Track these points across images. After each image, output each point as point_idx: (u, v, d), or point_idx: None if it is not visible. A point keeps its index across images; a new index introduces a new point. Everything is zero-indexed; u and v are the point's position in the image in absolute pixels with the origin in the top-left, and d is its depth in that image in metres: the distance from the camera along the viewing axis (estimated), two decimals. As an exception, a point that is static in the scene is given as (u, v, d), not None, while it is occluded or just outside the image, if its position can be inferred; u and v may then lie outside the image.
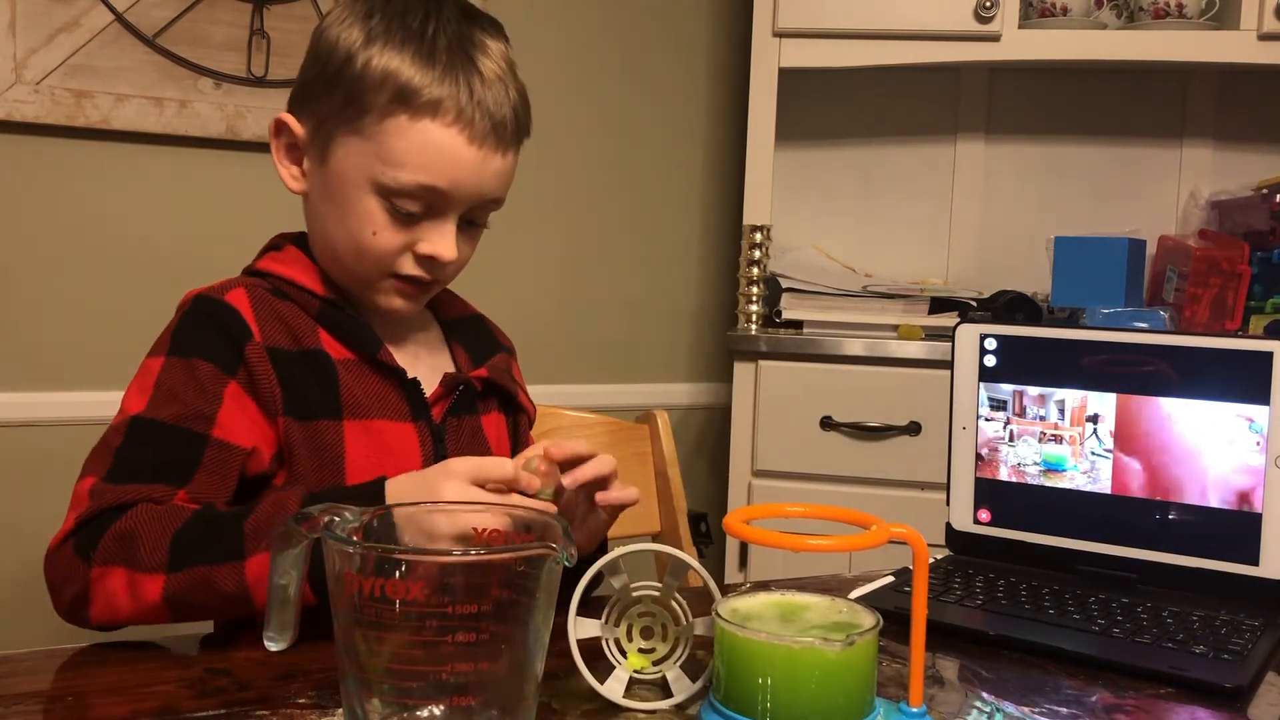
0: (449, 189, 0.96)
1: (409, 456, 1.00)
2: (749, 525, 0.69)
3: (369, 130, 0.96)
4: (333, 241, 1.01)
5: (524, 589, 0.61)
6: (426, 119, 0.95)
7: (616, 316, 2.37)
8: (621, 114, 2.35)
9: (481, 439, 1.08)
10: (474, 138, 0.96)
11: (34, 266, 1.79)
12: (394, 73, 0.94)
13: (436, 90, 0.94)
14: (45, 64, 1.76)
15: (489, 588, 0.61)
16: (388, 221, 0.97)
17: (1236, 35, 2.04)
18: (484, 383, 1.09)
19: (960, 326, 1.11)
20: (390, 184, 0.95)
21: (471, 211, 1.01)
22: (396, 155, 0.95)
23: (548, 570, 0.62)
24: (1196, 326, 2.01)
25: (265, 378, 0.95)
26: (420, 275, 1.00)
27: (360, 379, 1.00)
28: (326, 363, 0.98)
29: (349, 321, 1.01)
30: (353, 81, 0.96)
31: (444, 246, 0.99)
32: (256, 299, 0.98)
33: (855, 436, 1.99)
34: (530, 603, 0.61)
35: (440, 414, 1.04)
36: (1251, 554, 0.98)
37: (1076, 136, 2.36)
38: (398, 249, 0.99)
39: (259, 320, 0.97)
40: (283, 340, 0.98)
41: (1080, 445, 1.06)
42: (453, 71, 0.95)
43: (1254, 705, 0.81)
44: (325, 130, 0.98)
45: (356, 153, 0.96)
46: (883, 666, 0.83)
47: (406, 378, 1.02)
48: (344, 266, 1.02)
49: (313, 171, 1.01)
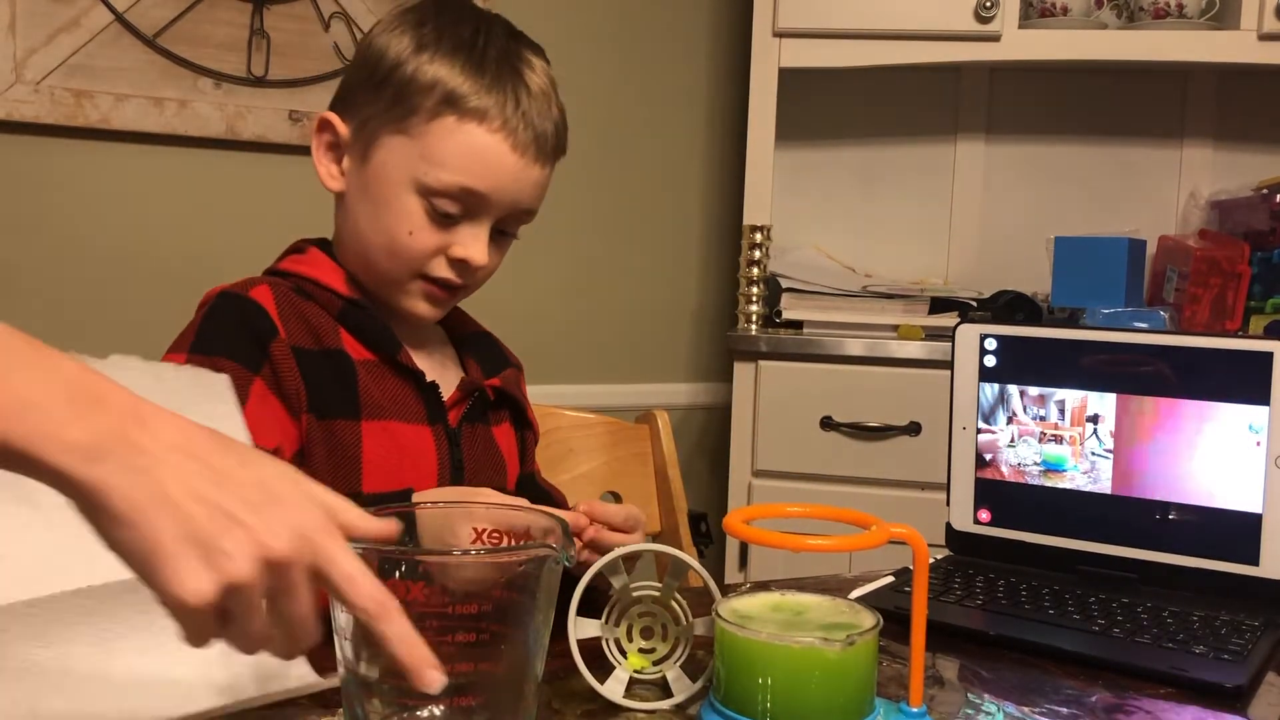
0: (488, 193, 0.98)
1: (425, 458, 1.01)
2: (749, 525, 0.69)
3: (415, 130, 0.98)
4: (366, 240, 1.02)
5: (524, 589, 0.61)
6: (473, 123, 0.97)
7: (616, 316, 2.37)
8: (621, 114, 2.35)
9: (495, 448, 1.09)
10: (516, 146, 0.99)
11: (34, 266, 1.79)
12: (444, 78, 0.97)
13: (485, 98, 0.98)
14: (45, 64, 1.76)
15: (490, 588, 0.61)
16: (425, 222, 0.99)
17: (1236, 35, 2.04)
18: (497, 393, 1.10)
19: (960, 326, 1.11)
20: (432, 184, 0.97)
21: (505, 220, 1.03)
22: (441, 155, 0.97)
23: (548, 570, 0.62)
24: (1196, 326, 2.01)
25: (290, 375, 0.96)
26: (450, 279, 1.02)
27: (379, 380, 1.01)
28: (347, 362, 0.99)
29: (371, 322, 1.02)
30: (403, 84, 0.98)
31: (477, 250, 1.00)
32: (280, 296, 1.00)
33: (855, 436, 1.99)
34: (530, 603, 0.61)
35: (457, 419, 1.05)
36: (1251, 554, 0.98)
37: (1076, 136, 2.36)
38: (432, 250, 1.00)
39: (283, 318, 0.98)
40: (305, 339, 0.99)
41: (1080, 445, 1.06)
42: (500, 82, 0.99)
43: (1254, 705, 0.81)
44: (370, 129, 1.00)
45: (401, 152, 0.98)
46: (883, 666, 0.83)
47: (425, 381, 1.03)
48: (374, 267, 1.03)
49: (352, 170, 1.02)
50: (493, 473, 1.08)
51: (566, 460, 1.44)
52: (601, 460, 1.45)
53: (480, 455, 1.07)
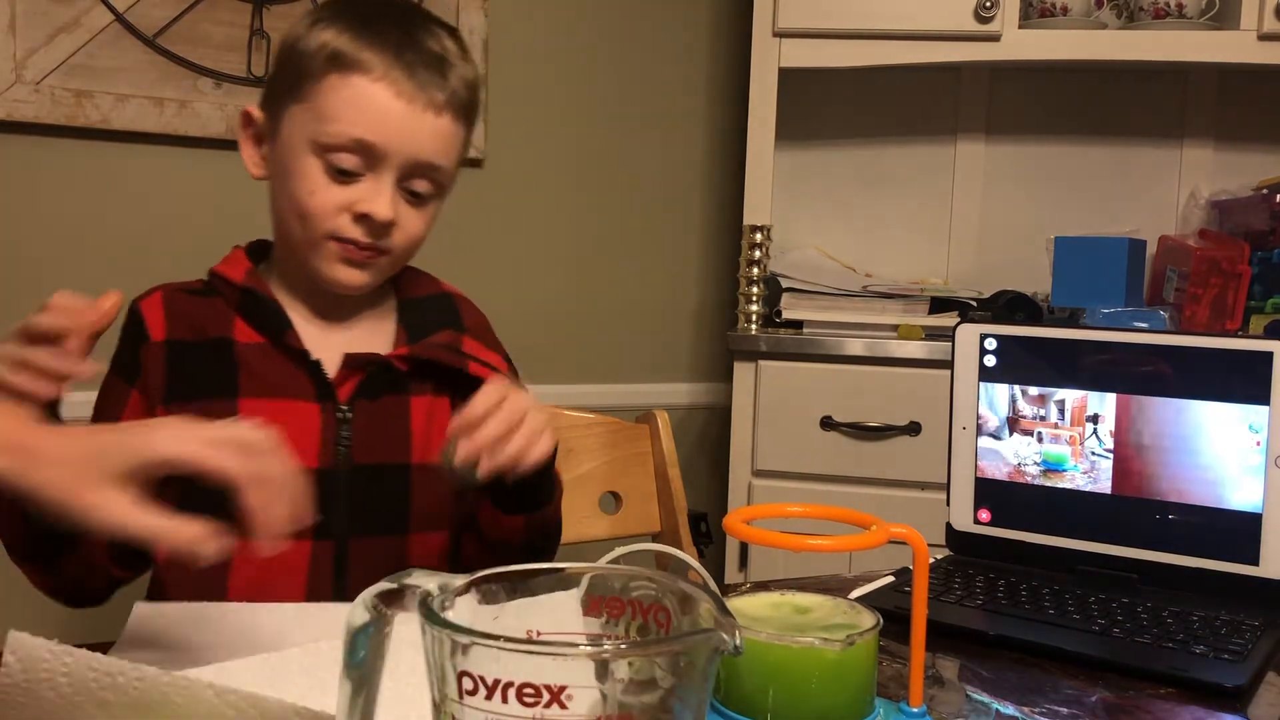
0: (378, 142, 0.99)
1: (307, 435, 1.02)
2: (749, 525, 0.69)
3: (308, 95, 1.01)
4: (282, 214, 1.05)
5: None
6: (356, 75, 0.99)
7: (616, 316, 2.37)
8: (621, 114, 2.35)
9: (403, 421, 1.07)
10: (401, 94, 1.00)
11: (34, 266, 1.79)
12: (329, 40, 1.00)
13: (366, 50, 1.00)
14: (45, 64, 1.76)
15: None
16: (325, 180, 1.00)
17: (1236, 35, 2.04)
18: (414, 362, 1.08)
19: (960, 326, 1.11)
20: (325, 140, 0.99)
21: (410, 179, 1.02)
22: (330, 111, 1.00)
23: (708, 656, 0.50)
24: (1196, 326, 2.01)
25: (155, 374, 1.02)
26: (359, 238, 1.02)
27: (268, 360, 1.04)
28: (227, 346, 1.03)
29: (262, 305, 1.05)
30: (297, 57, 1.02)
31: (380, 204, 1.00)
32: (170, 300, 1.06)
33: (855, 436, 1.99)
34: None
35: (348, 394, 1.05)
36: (1251, 554, 0.98)
37: (1076, 136, 2.36)
38: (335, 207, 1.01)
39: (167, 319, 1.04)
40: (186, 334, 1.03)
41: (1080, 445, 1.06)
42: (384, 36, 1.01)
43: (1254, 705, 0.81)
44: (278, 109, 1.04)
45: (299, 119, 1.01)
46: (883, 666, 0.83)
47: (308, 359, 1.04)
48: (291, 238, 1.05)
49: (269, 153, 1.06)
50: (394, 450, 1.06)
51: (566, 460, 1.44)
52: (601, 460, 1.45)
53: (378, 432, 1.05)
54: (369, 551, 1.04)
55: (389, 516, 1.06)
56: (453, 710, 0.48)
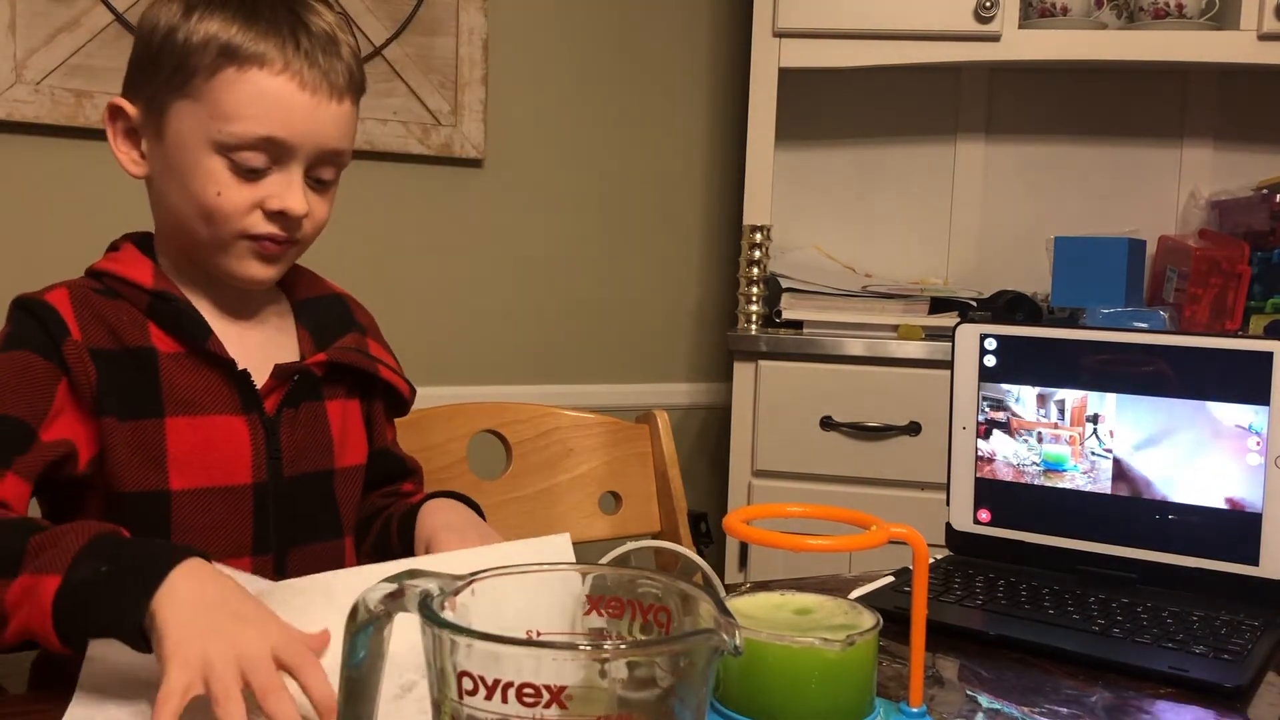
0: (287, 138, 0.95)
1: (238, 451, 0.98)
2: (749, 525, 0.69)
3: (199, 91, 0.95)
4: (181, 215, 0.99)
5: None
6: (254, 69, 0.94)
7: (616, 316, 2.37)
8: (621, 114, 2.35)
9: (323, 427, 1.05)
10: (304, 85, 0.95)
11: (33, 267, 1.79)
12: (216, 33, 0.94)
13: (261, 42, 0.94)
14: (45, 64, 1.76)
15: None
16: (231, 179, 0.96)
17: (1236, 35, 2.04)
18: (329, 366, 1.06)
19: (960, 326, 1.11)
20: (228, 140, 0.94)
21: (316, 167, 0.99)
22: (229, 109, 0.94)
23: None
24: (1196, 326, 2.01)
25: (83, 376, 0.93)
26: (274, 233, 0.98)
27: (188, 372, 0.98)
28: (149, 358, 0.96)
29: (179, 312, 0.99)
30: (177, 50, 0.95)
31: (293, 199, 0.97)
32: (78, 299, 0.97)
33: (855, 436, 1.99)
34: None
35: (275, 405, 1.02)
36: (1251, 554, 0.98)
37: (1076, 136, 2.36)
38: (245, 206, 0.96)
39: (79, 320, 0.95)
40: (104, 340, 0.96)
41: (1080, 445, 1.06)
42: (276, 25, 0.95)
43: (1254, 705, 0.81)
44: (158, 104, 0.97)
45: (191, 117, 0.95)
46: (883, 666, 0.83)
47: (235, 369, 1.00)
48: (195, 237, 0.99)
49: (151, 150, 1.00)
50: (318, 456, 1.04)
51: (566, 460, 1.44)
52: (601, 460, 1.45)
53: (304, 440, 1.03)
54: (308, 560, 1.02)
55: (322, 523, 1.04)
56: (453, 710, 0.48)
